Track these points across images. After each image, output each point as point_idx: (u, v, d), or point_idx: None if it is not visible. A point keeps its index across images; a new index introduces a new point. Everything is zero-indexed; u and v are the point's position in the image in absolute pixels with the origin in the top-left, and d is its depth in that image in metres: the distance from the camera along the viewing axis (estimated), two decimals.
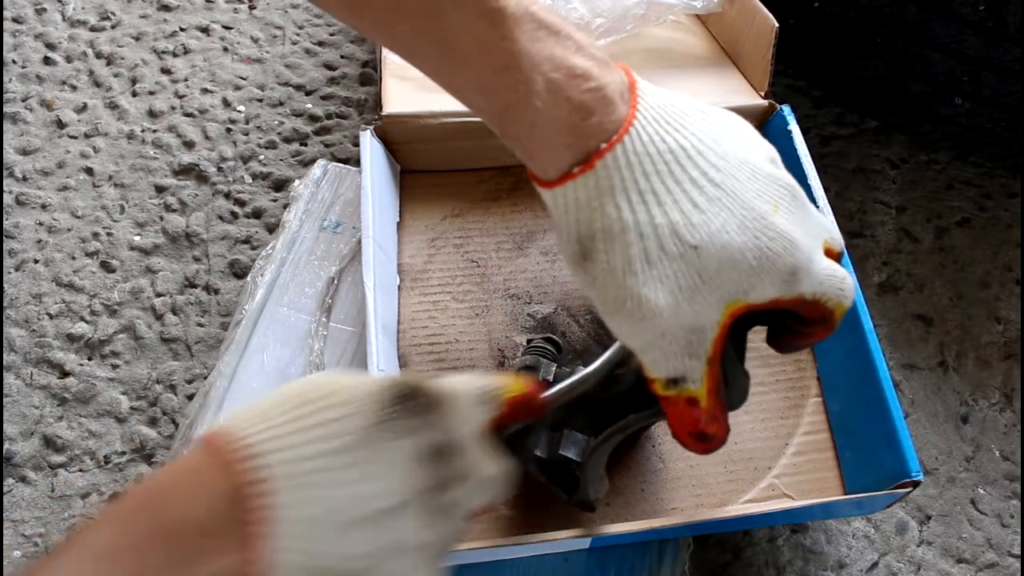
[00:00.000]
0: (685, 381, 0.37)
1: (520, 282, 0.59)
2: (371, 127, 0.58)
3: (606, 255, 0.36)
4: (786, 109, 0.60)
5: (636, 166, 0.35)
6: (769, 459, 0.53)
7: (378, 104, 0.61)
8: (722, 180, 0.35)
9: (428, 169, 0.63)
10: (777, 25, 0.61)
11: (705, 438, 0.38)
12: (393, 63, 0.63)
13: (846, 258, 0.43)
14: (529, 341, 0.53)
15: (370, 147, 0.57)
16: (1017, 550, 0.59)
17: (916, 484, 0.47)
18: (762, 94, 0.63)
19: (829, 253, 0.38)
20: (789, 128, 0.59)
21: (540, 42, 0.34)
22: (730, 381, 0.39)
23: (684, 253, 0.35)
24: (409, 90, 0.62)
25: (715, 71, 0.68)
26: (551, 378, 0.48)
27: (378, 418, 0.31)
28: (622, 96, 0.35)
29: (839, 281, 0.37)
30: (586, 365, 0.45)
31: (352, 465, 0.30)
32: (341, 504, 0.29)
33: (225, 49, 0.81)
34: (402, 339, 0.56)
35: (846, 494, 0.52)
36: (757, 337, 0.43)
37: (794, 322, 0.39)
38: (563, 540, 0.45)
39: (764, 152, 0.38)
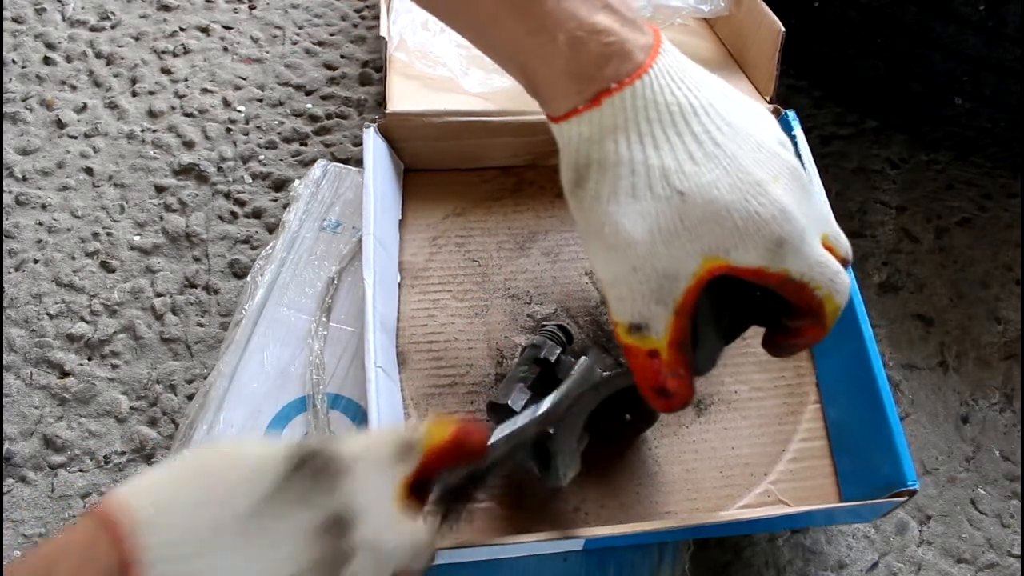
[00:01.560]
0: (648, 330, 0.36)
1: (520, 282, 0.59)
2: (374, 124, 0.58)
3: (595, 183, 0.36)
4: (791, 114, 0.61)
5: (641, 110, 0.36)
6: (765, 465, 0.53)
7: (378, 104, 0.61)
8: (724, 142, 0.36)
9: (431, 168, 0.63)
10: (784, 30, 0.61)
11: (665, 393, 0.38)
12: (399, 61, 0.63)
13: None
14: (543, 325, 0.53)
15: (373, 144, 0.57)
16: (1017, 550, 0.59)
17: (912, 493, 0.47)
18: (768, 99, 0.63)
19: (831, 251, 0.38)
20: (794, 133, 0.59)
21: (566, 2, 0.36)
22: (700, 342, 0.38)
23: (670, 196, 0.35)
24: (414, 89, 0.62)
25: (721, 75, 0.68)
26: (553, 359, 0.48)
27: (271, 488, 0.29)
28: (643, 51, 0.36)
29: (831, 272, 0.37)
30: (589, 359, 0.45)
31: (238, 541, 0.28)
32: None
33: (225, 49, 0.81)
34: (401, 336, 0.56)
35: (842, 502, 0.52)
36: (756, 342, 0.43)
37: (787, 318, 0.39)
38: (557, 541, 0.45)
39: (774, 134, 0.38)
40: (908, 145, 0.79)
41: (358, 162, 0.73)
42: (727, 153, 0.36)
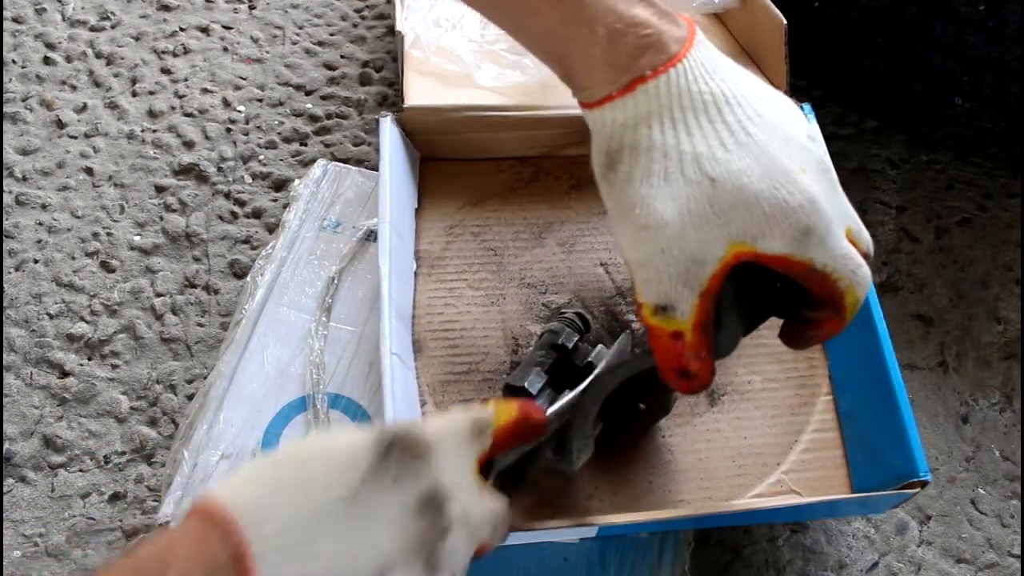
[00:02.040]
0: (673, 311, 0.37)
1: (536, 272, 0.59)
2: (391, 114, 0.59)
3: (628, 166, 0.37)
4: (807, 107, 0.61)
5: (675, 98, 0.36)
6: (778, 455, 0.53)
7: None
8: (755, 132, 0.36)
9: (447, 157, 0.64)
10: (785, 23, 0.62)
11: (687, 375, 0.38)
12: (414, 58, 0.64)
13: None
14: (562, 312, 0.53)
15: (389, 133, 0.58)
16: (1017, 550, 0.59)
17: (924, 484, 0.47)
18: (783, 92, 0.64)
19: (854, 245, 0.38)
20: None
21: None
22: (723, 324, 0.39)
23: (700, 181, 0.36)
24: (429, 84, 0.62)
25: None
26: (571, 346, 0.48)
27: (365, 474, 0.30)
28: (678, 42, 0.37)
29: (854, 264, 0.37)
30: (605, 347, 0.45)
31: (341, 526, 0.29)
32: (333, 568, 0.28)
33: (225, 49, 0.81)
34: (417, 324, 0.56)
35: (853, 493, 0.52)
36: (770, 333, 0.43)
37: (806, 310, 0.39)
38: (570, 528, 0.45)
39: (803, 127, 0.39)
40: (908, 145, 0.79)
41: (358, 162, 0.73)
42: (758, 143, 0.36)
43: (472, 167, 0.64)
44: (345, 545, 0.29)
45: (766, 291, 0.40)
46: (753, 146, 0.36)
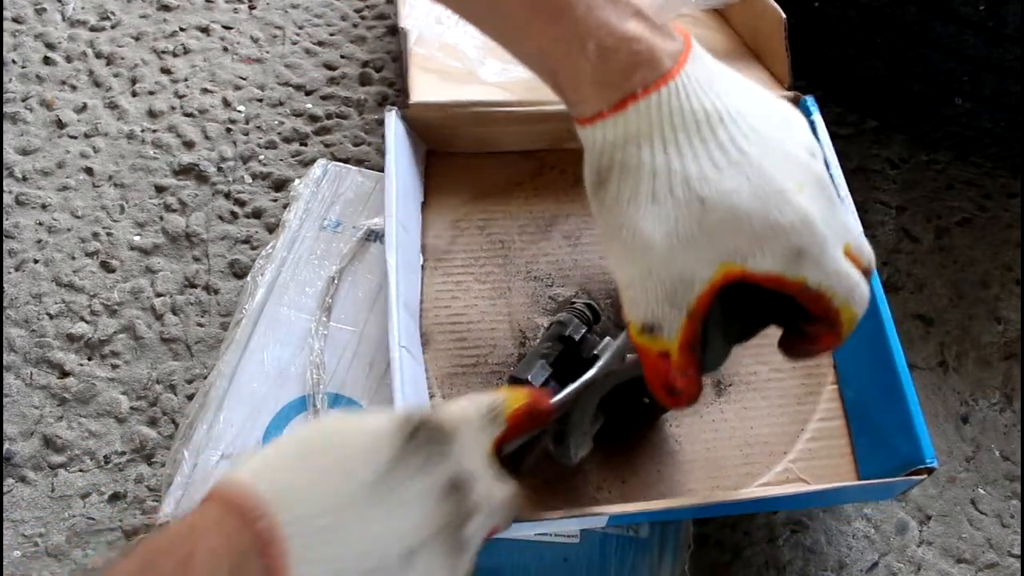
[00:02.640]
0: (660, 331, 0.37)
1: (542, 265, 0.60)
2: (396, 108, 0.59)
3: (617, 185, 0.37)
4: (810, 100, 0.61)
5: (666, 116, 0.36)
6: (785, 444, 0.53)
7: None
8: (749, 149, 0.36)
9: (452, 151, 0.64)
10: (785, 17, 0.62)
11: (674, 392, 0.38)
12: (419, 55, 0.64)
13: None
14: (572, 303, 0.53)
15: (394, 127, 0.58)
16: (1017, 550, 0.59)
17: (931, 471, 0.47)
18: (786, 86, 0.64)
19: (854, 260, 0.37)
20: (812, 118, 0.60)
21: (597, 10, 0.36)
22: (709, 343, 0.39)
23: (689, 201, 0.35)
24: (433, 80, 0.63)
25: (738, 66, 0.69)
26: (578, 338, 0.48)
27: (392, 458, 0.30)
28: (672, 57, 0.36)
29: (851, 282, 0.36)
30: (613, 339, 0.45)
31: (370, 510, 0.29)
32: (362, 552, 0.28)
33: (225, 49, 0.81)
34: (425, 317, 0.56)
35: (860, 480, 0.52)
36: (774, 329, 0.43)
37: (804, 323, 0.39)
38: (580, 519, 0.46)
39: (804, 143, 0.38)
40: (908, 145, 0.79)
41: (358, 162, 0.73)
42: (751, 161, 0.35)
43: (477, 161, 0.64)
44: (373, 529, 0.29)
45: (763, 302, 0.39)
46: (746, 165, 0.35)
